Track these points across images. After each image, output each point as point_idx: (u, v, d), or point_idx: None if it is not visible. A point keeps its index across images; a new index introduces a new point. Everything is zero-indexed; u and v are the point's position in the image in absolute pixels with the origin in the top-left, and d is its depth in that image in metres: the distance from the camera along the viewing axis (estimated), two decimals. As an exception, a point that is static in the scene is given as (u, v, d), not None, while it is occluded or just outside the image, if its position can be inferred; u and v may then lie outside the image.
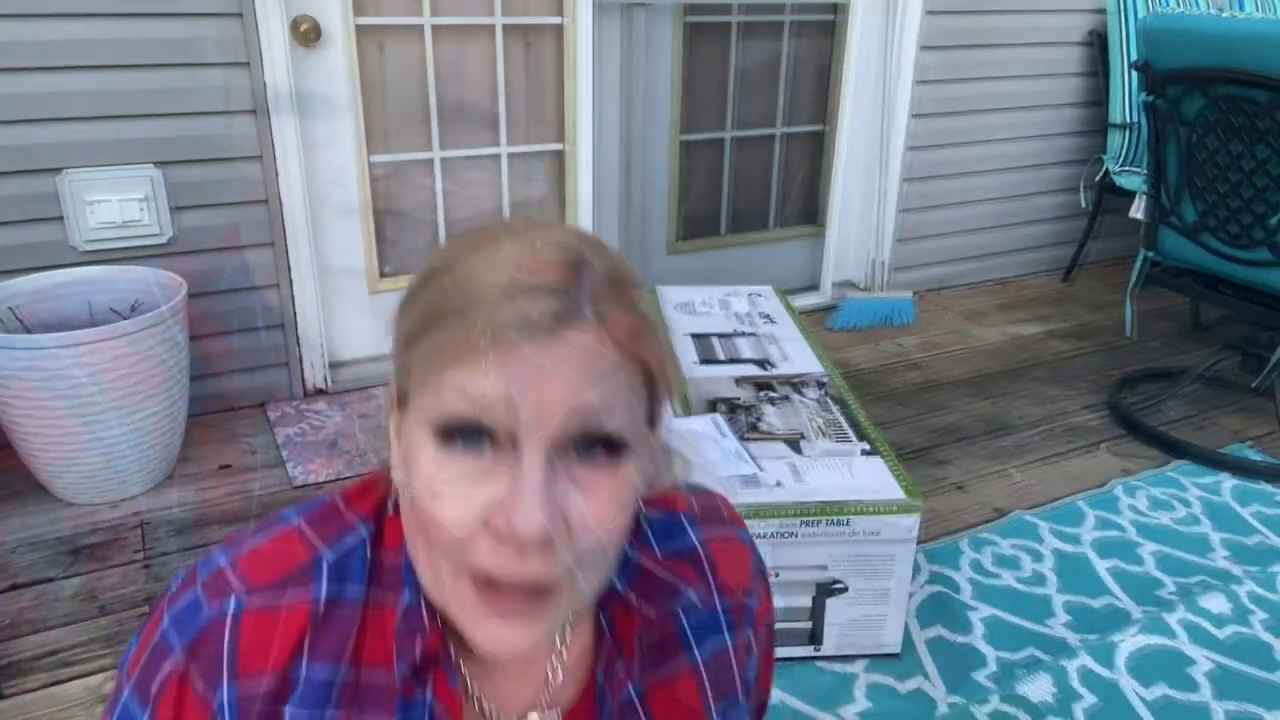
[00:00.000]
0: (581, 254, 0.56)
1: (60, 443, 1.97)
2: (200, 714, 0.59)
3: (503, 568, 0.54)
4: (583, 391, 0.53)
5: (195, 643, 0.59)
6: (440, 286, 0.55)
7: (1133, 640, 1.72)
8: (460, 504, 0.53)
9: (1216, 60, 2.11)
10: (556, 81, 2.74)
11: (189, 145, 2.24)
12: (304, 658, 0.60)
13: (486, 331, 0.51)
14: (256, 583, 0.60)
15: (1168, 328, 3.24)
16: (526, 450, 0.53)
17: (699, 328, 2.25)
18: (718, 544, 0.72)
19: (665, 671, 0.68)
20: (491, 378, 0.52)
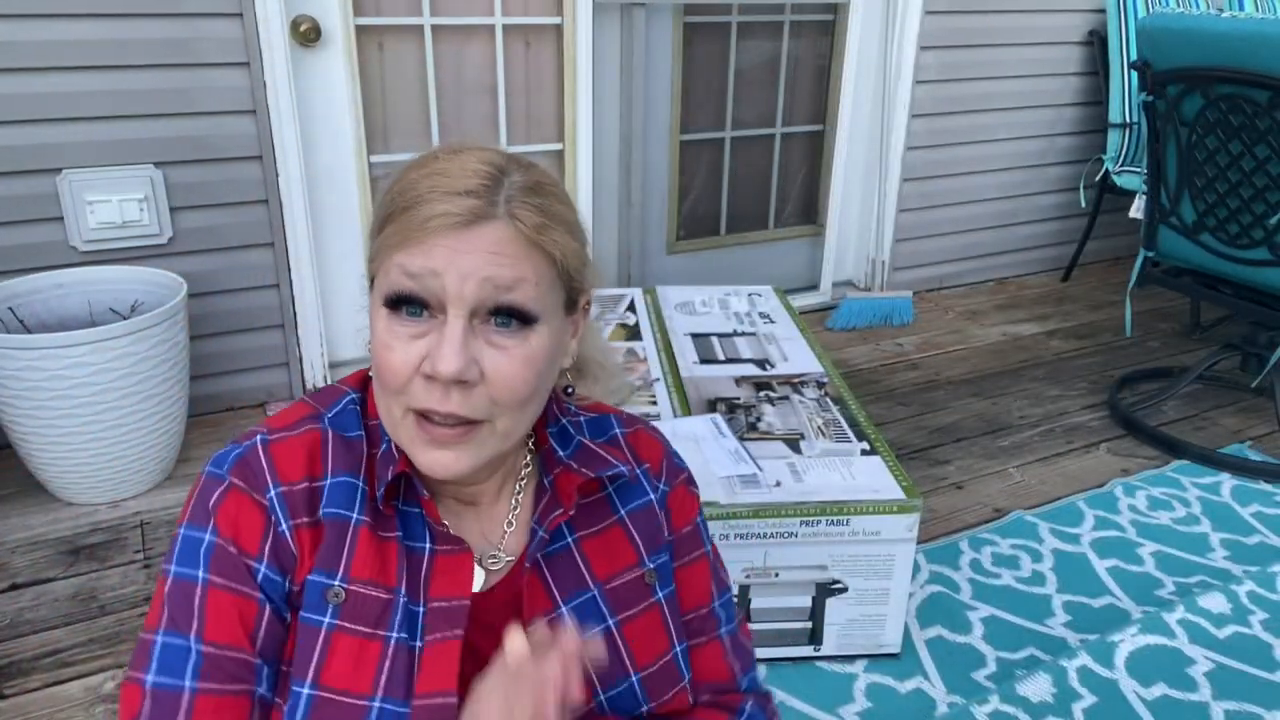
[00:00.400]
0: (504, 168, 0.72)
1: (60, 443, 1.98)
2: (256, 512, 0.73)
3: (430, 402, 0.70)
4: (492, 268, 0.68)
5: (237, 466, 0.74)
6: (391, 193, 0.72)
7: (1132, 640, 1.72)
8: (402, 354, 0.70)
9: (1216, 60, 2.11)
10: (556, 81, 2.74)
11: (189, 145, 2.24)
12: (327, 470, 0.75)
13: (420, 223, 0.68)
14: (275, 425, 0.77)
15: (1167, 327, 3.25)
16: (450, 315, 0.69)
17: (698, 327, 2.25)
18: (634, 434, 0.89)
19: (597, 526, 0.84)
20: (421, 257, 0.68)
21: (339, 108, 2.47)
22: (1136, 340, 3.13)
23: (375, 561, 0.74)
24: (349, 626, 0.72)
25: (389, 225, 0.71)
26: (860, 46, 3.11)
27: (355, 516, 0.75)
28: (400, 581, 0.74)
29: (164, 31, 2.14)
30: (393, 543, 0.75)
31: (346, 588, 0.73)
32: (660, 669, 0.82)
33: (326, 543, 0.73)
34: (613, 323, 2.29)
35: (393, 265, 0.69)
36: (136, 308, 2.17)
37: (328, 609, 0.72)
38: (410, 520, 0.77)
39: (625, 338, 2.20)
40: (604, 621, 0.80)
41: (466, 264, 0.68)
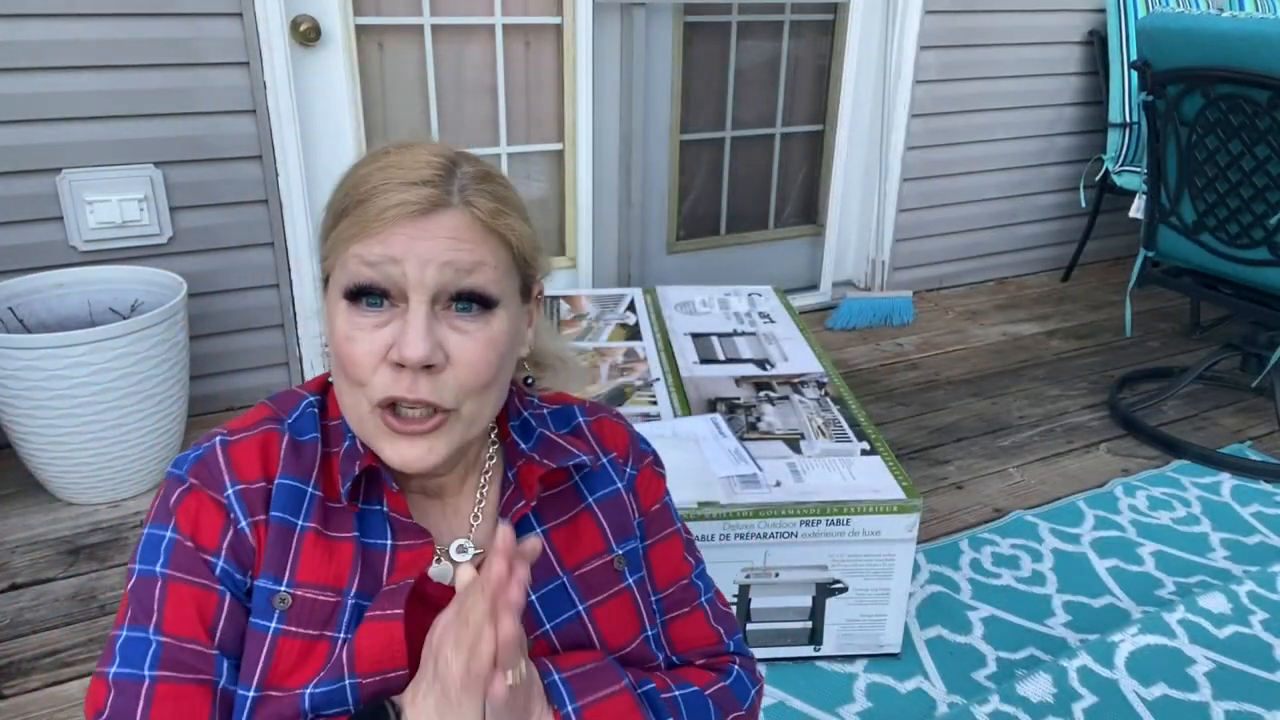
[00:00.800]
0: (455, 160, 0.74)
1: (60, 443, 1.98)
2: (215, 510, 0.74)
3: (398, 390, 0.70)
4: (452, 253, 0.70)
5: (195, 467, 0.75)
6: (344, 189, 0.73)
7: (1132, 640, 1.72)
8: (366, 344, 0.71)
9: (1215, 60, 2.11)
10: (556, 81, 2.74)
11: (189, 145, 2.24)
12: (280, 471, 0.76)
13: (376, 214, 0.69)
14: (234, 427, 0.78)
15: (1167, 327, 3.25)
16: (413, 301, 0.70)
17: (698, 327, 2.25)
18: (597, 422, 0.90)
19: (565, 516, 0.84)
20: (380, 245, 0.69)
21: (339, 108, 2.47)
22: (1136, 340, 3.13)
23: (323, 565, 0.75)
24: (295, 630, 0.73)
25: (344, 219, 0.71)
26: (860, 46, 3.11)
27: (300, 523, 0.75)
28: (352, 583, 0.75)
29: (164, 31, 2.14)
30: (347, 543, 0.76)
31: (293, 593, 0.73)
32: (633, 651, 0.83)
33: (272, 545, 0.74)
34: (613, 323, 2.29)
35: (350, 257, 0.70)
36: (136, 308, 2.17)
37: (274, 614, 0.73)
38: (370, 519, 0.77)
39: (625, 338, 2.20)
40: (574, 607, 0.81)
41: (425, 250, 0.69)
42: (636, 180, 2.95)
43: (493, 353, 0.73)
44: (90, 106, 2.13)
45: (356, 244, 0.70)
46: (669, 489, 0.94)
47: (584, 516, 0.85)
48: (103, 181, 2.18)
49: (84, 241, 2.20)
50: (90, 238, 2.20)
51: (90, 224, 2.19)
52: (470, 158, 0.76)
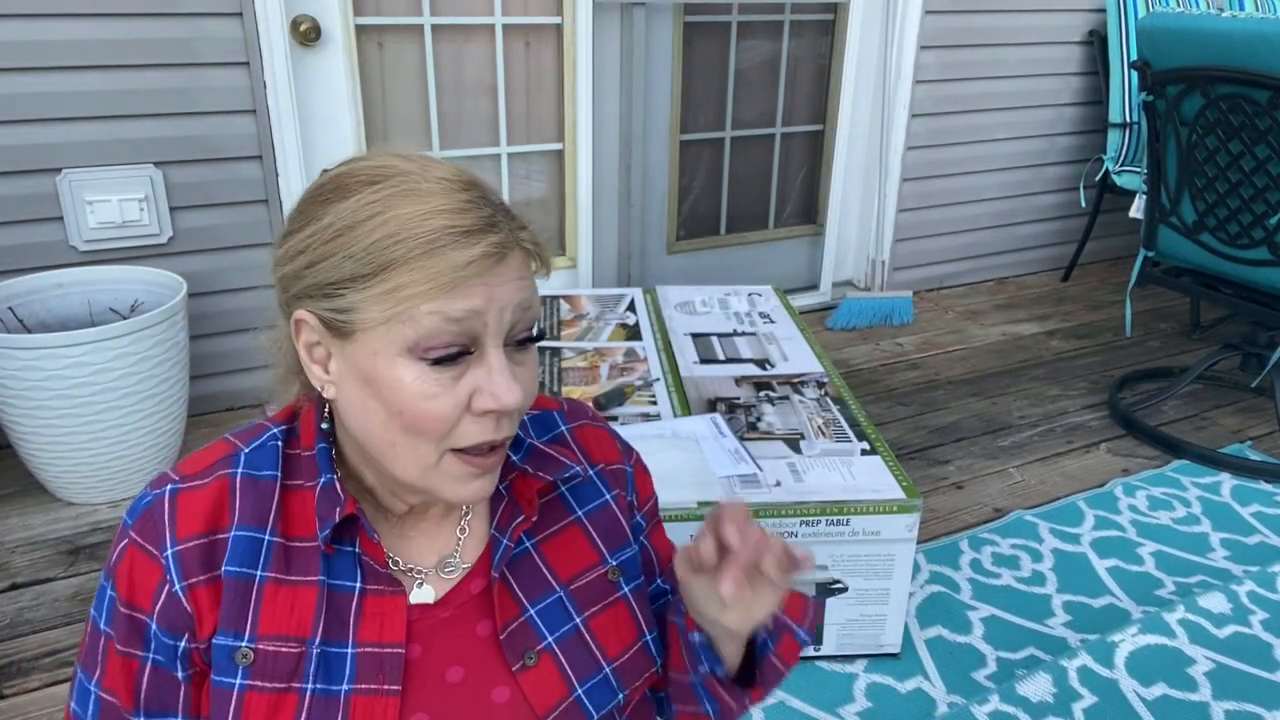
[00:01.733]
0: (481, 188, 0.70)
1: (60, 443, 1.98)
2: (151, 571, 0.72)
3: (485, 436, 0.70)
4: (521, 294, 0.69)
5: (140, 520, 0.73)
6: (383, 235, 0.66)
7: (1132, 640, 1.72)
8: (450, 400, 0.68)
9: (1215, 59, 2.11)
10: (556, 81, 2.74)
11: (189, 145, 2.24)
12: (232, 523, 0.73)
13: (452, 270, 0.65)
14: (188, 472, 0.75)
15: (1167, 327, 3.25)
16: (491, 348, 0.69)
17: (698, 327, 2.25)
18: (580, 430, 0.89)
19: (555, 528, 0.84)
20: (462, 300, 0.66)
21: (339, 108, 2.47)
22: (1136, 340, 3.13)
23: (285, 614, 0.73)
24: (260, 685, 0.71)
25: (397, 273, 0.65)
26: (860, 46, 3.11)
27: (259, 574, 0.73)
28: (316, 630, 0.73)
29: (164, 31, 2.14)
30: (310, 588, 0.73)
31: (255, 647, 0.72)
32: (631, 658, 0.83)
33: (230, 601, 0.72)
34: (613, 323, 2.29)
35: (423, 314, 0.65)
36: (136, 308, 2.17)
37: (237, 670, 0.71)
38: (338, 560, 0.75)
39: (625, 338, 2.20)
40: (571, 620, 0.81)
41: (503, 296, 0.68)
42: (636, 180, 2.95)
43: (536, 379, 0.75)
44: (90, 106, 2.13)
45: (430, 301, 0.65)
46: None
47: (573, 529, 0.84)
48: (103, 181, 2.18)
49: (84, 241, 2.20)
50: (90, 238, 2.20)
51: (90, 224, 2.19)
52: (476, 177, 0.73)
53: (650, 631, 0.86)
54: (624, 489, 0.88)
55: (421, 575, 0.79)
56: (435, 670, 0.76)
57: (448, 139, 2.64)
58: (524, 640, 0.78)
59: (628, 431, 1.69)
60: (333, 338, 0.71)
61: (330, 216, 0.69)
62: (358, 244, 0.67)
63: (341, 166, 0.73)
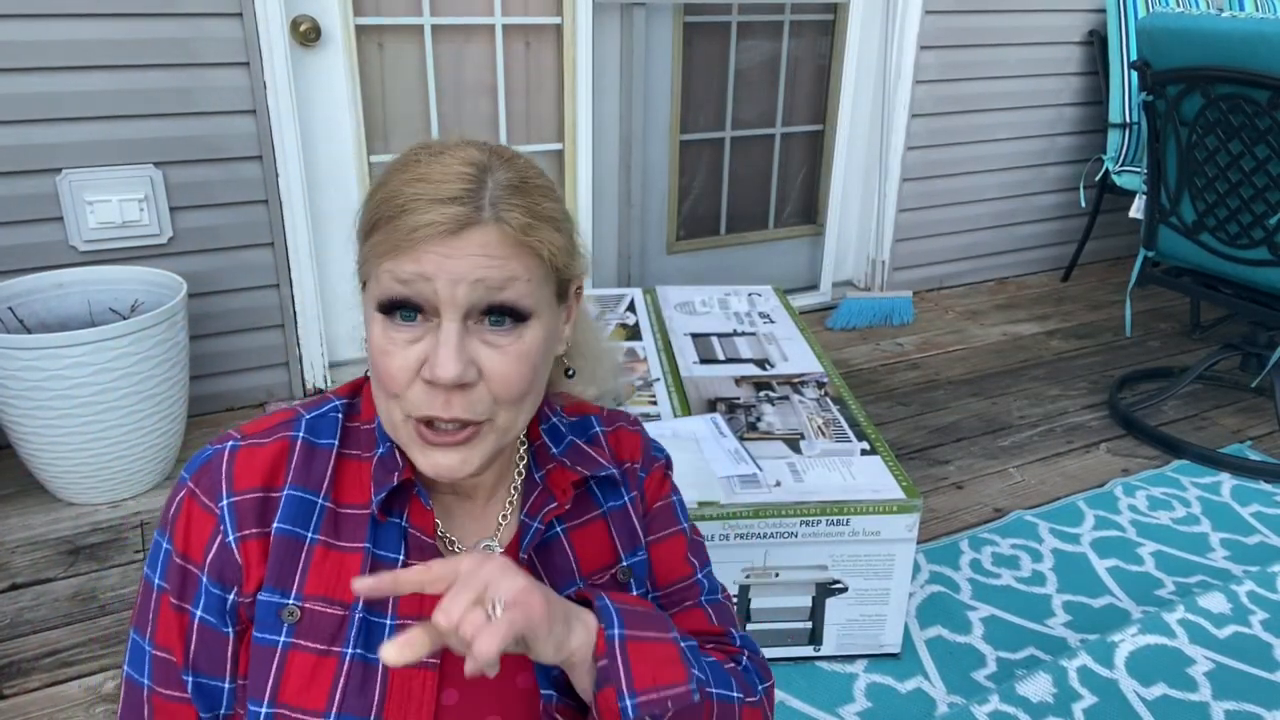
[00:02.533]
0: (486, 166, 0.72)
1: (60, 443, 1.98)
2: (206, 521, 0.74)
3: (432, 409, 0.71)
4: (483, 270, 0.69)
5: (199, 473, 0.76)
6: (377, 199, 0.72)
7: (1132, 640, 1.72)
8: (400, 359, 0.70)
9: (1215, 60, 2.11)
10: (556, 81, 2.74)
11: (189, 145, 2.25)
12: (287, 482, 0.76)
13: (407, 233, 0.68)
14: (250, 431, 0.78)
15: (1167, 327, 3.25)
16: (445, 319, 0.69)
17: (698, 327, 2.25)
18: (613, 433, 0.90)
19: (583, 520, 0.85)
20: (411, 263, 0.69)
21: (339, 108, 2.47)
22: (1136, 340, 3.13)
23: (331, 577, 0.75)
24: (304, 644, 0.73)
25: (376, 233, 0.71)
26: (860, 46, 3.11)
27: (310, 535, 0.75)
28: (359, 596, 0.74)
29: (164, 31, 2.14)
30: (356, 554, 0.76)
31: (301, 606, 0.74)
32: None
33: (278, 559, 0.74)
34: (613, 323, 2.29)
35: (383, 272, 0.70)
36: (136, 308, 2.17)
37: (282, 628, 0.73)
38: (386, 530, 0.77)
39: (625, 338, 2.20)
40: None
41: (457, 268, 0.68)
42: (636, 180, 2.95)
43: (525, 365, 0.72)
44: (90, 106, 2.13)
45: (388, 260, 0.70)
46: (679, 491, 0.94)
47: (599, 523, 0.86)
48: (103, 181, 2.18)
49: (84, 241, 2.20)
50: (90, 238, 2.20)
51: (90, 224, 2.19)
52: (504, 158, 0.74)
53: None
54: (635, 489, 0.89)
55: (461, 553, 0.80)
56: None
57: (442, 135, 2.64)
58: None
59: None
60: (363, 293, 0.76)
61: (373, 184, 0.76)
62: (367, 205, 0.74)
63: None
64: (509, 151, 0.75)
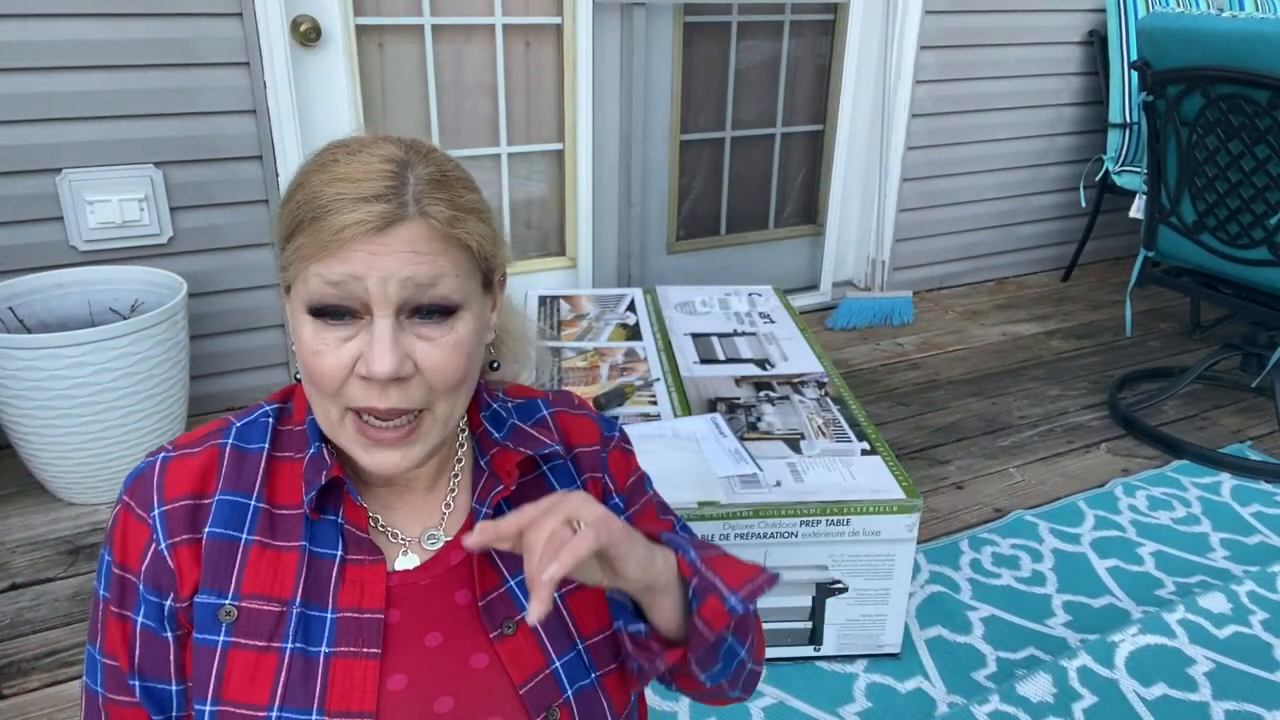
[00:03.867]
0: (406, 161, 0.72)
1: (60, 443, 1.98)
2: (140, 531, 0.76)
3: (369, 401, 0.72)
4: (412, 267, 0.70)
5: (133, 485, 0.77)
6: (296, 201, 0.72)
7: (1132, 640, 1.72)
8: (334, 359, 0.71)
9: (1215, 60, 2.11)
10: (556, 81, 2.74)
11: (189, 145, 2.24)
12: (217, 489, 0.77)
13: (333, 233, 0.68)
14: (182, 443, 0.80)
15: (1167, 327, 3.25)
16: (378, 316, 0.70)
17: (698, 327, 2.25)
18: (563, 416, 0.91)
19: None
20: (340, 264, 0.69)
21: (339, 108, 2.47)
22: (1136, 340, 3.13)
23: (268, 575, 0.76)
24: (243, 642, 0.74)
25: (299, 235, 0.71)
26: (860, 46, 3.11)
27: (245, 537, 0.76)
28: (296, 592, 0.76)
29: (164, 31, 2.14)
30: (292, 553, 0.77)
31: (238, 605, 0.75)
32: (603, 640, 0.84)
33: (212, 562, 0.75)
34: (613, 323, 2.29)
35: (311, 275, 0.70)
36: (136, 308, 2.17)
37: (221, 628, 0.74)
38: (321, 528, 0.78)
39: (625, 338, 2.20)
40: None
41: (386, 266, 0.69)
42: (636, 180, 2.95)
43: (459, 355, 0.74)
44: (90, 106, 2.13)
45: (316, 263, 0.70)
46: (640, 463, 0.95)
47: None
48: (103, 181, 2.18)
49: (84, 241, 2.20)
50: (90, 238, 2.20)
51: (90, 224, 2.19)
52: (421, 152, 0.74)
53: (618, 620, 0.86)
54: (598, 470, 0.89)
55: (406, 544, 0.82)
56: (414, 635, 0.78)
57: (448, 139, 2.64)
58: (504, 609, 0.80)
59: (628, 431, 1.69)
60: (286, 298, 0.76)
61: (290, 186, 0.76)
62: (285, 209, 0.73)
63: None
64: (425, 146, 0.76)
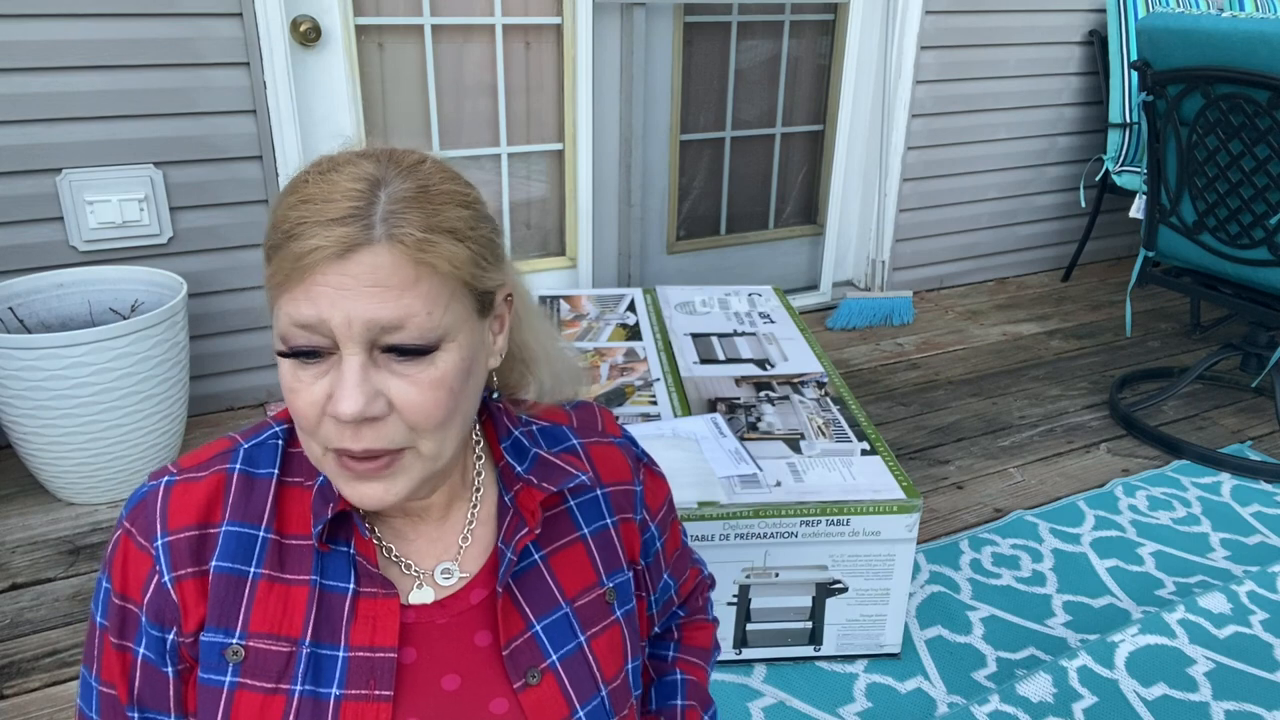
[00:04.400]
0: (379, 179, 0.66)
1: (60, 443, 1.98)
2: (142, 562, 0.72)
3: (343, 442, 0.67)
4: (376, 309, 0.64)
5: (135, 511, 0.74)
6: (269, 225, 0.67)
7: (1132, 640, 1.72)
8: (308, 396, 0.67)
9: (1216, 60, 2.11)
10: (556, 81, 2.74)
11: (189, 145, 2.24)
12: (224, 517, 0.73)
13: (294, 261, 0.64)
14: (186, 465, 0.76)
15: (1167, 327, 3.25)
16: (345, 354, 0.65)
17: (698, 327, 2.25)
18: (594, 448, 0.86)
19: (561, 542, 0.82)
20: (306, 304, 0.64)
21: (339, 108, 2.47)
22: (1136, 340, 3.13)
23: (276, 612, 0.72)
24: (251, 684, 0.71)
25: (268, 265, 0.67)
26: (860, 46, 3.11)
27: (253, 570, 0.73)
28: (306, 631, 0.72)
29: (164, 31, 2.14)
30: (302, 587, 0.73)
31: (245, 645, 0.71)
32: (620, 685, 0.82)
33: (219, 597, 0.72)
34: (613, 323, 2.29)
35: (281, 313, 0.66)
36: (136, 308, 2.17)
37: (228, 668, 0.71)
38: (332, 559, 0.75)
39: (625, 338, 2.20)
40: (576, 638, 0.80)
41: (349, 306, 0.64)
42: (636, 180, 2.95)
43: (440, 392, 0.68)
44: (90, 106, 2.13)
45: (284, 297, 0.65)
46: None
47: (578, 545, 0.83)
48: (103, 181, 2.18)
49: (84, 241, 2.20)
50: (90, 238, 2.20)
51: (90, 224, 2.19)
52: (405, 168, 0.68)
53: (634, 659, 0.85)
54: (632, 510, 0.87)
55: (419, 576, 0.78)
56: (430, 677, 0.75)
57: (448, 139, 2.64)
58: (529, 657, 0.77)
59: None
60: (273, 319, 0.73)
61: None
62: (266, 233, 0.69)
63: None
64: (414, 157, 0.70)
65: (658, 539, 0.91)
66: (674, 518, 0.95)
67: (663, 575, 0.93)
